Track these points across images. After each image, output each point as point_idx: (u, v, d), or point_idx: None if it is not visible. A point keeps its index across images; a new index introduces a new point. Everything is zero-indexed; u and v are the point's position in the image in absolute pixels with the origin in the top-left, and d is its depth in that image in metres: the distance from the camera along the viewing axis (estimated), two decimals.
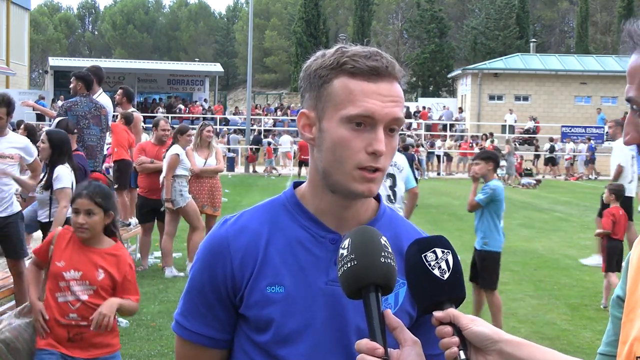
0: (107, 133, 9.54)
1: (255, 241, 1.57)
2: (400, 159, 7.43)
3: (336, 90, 1.50)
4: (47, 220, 6.22)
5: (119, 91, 10.93)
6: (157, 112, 35.02)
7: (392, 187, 7.18)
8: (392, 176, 7.16)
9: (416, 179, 19.72)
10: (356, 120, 1.48)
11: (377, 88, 1.49)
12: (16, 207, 6.48)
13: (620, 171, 10.48)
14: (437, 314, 1.36)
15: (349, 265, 1.36)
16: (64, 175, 6.14)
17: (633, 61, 1.29)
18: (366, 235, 1.39)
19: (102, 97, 9.37)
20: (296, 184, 1.67)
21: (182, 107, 39.68)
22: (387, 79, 1.50)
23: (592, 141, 33.40)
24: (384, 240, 1.39)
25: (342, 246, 1.39)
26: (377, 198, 1.65)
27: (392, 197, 7.15)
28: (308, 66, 1.56)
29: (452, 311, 1.36)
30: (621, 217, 8.52)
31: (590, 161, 32.60)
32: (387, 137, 1.50)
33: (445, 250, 1.40)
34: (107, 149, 11.04)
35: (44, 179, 6.25)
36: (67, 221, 6.27)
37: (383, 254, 1.36)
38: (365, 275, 1.35)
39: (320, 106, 1.53)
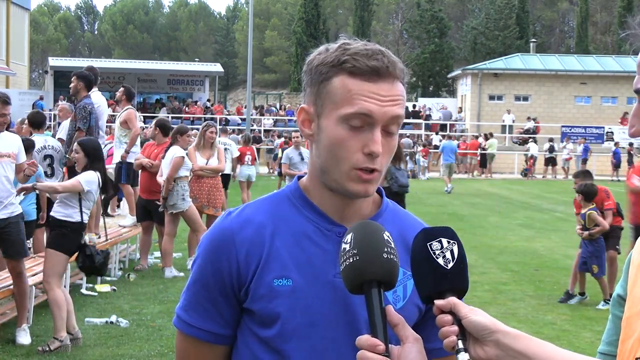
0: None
1: (261, 233, 1.54)
2: (55, 142, 8.59)
3: (335, 89, 1.49)
4: (79, 220, 6.31)
5: (120, 89, 10.94)
6: (159, 113, 34.98)
7: (51, 164, 8.30)
8: (50, 157, 8.28)
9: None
10: (353, 119, 1.47)
11: (376, 88, 1.47)
12: (17, 208, 6.49)
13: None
14: (438, 302, 1.35)
15: (351, 261, 1.35)
16: (87, 175, 6.37)
17: None
18: (368, 230, 1.38)
19: (95, 95, 9.33)
20: (300, 178, 1.65)
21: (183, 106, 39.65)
22: (388, 79, 1.49)
23: (586, 141, 33.56)
24: (386, 235, 1.38)
25: (345, 241, 1.38)
26: (379, 192, 1.63)
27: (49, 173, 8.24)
28: (310, 60, 1.55)
29: (452, 300, 1.34)
30: None
31: (583, 161, 32.63)
32: (385, 137, 1.49)
33: (451, 241, 1.39)
34: (109, 149, 11.06)
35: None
36: (74, 223, 6.34)
37: (386, 249, 1.35)
38: (367, 271, 1.34)
39: (319, 103, 1.52)
